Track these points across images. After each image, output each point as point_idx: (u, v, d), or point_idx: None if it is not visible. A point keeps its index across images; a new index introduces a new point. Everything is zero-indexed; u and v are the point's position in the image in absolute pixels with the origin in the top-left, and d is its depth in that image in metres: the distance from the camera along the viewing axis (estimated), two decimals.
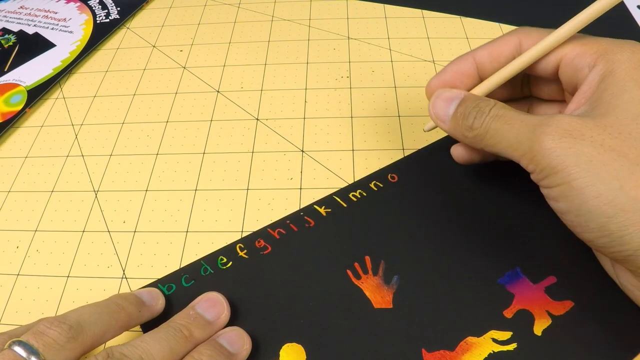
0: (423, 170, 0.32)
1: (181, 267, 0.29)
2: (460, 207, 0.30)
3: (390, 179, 0.32)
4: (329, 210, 0.31)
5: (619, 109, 0.22)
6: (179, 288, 0.28)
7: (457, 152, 0.29)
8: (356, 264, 0.28)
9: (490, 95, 0.28)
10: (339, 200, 0.31)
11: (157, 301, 0.26)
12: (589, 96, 0.23)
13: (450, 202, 0.30)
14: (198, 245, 0.30)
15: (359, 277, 0.28)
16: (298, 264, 0.28)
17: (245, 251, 0.29)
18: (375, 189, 0.31)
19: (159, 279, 0.28)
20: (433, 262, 0.28)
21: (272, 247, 0.29)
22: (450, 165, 0.31)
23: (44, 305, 0.29)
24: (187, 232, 0.31)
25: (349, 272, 0.28)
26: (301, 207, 0.31)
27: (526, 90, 0.30)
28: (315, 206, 0.31)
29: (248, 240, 0.30)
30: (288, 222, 0.30)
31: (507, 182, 0.30)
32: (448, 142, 0.32)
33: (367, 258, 0.28)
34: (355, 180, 0.32)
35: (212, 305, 0.25)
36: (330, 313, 0.26)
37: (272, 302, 0.27)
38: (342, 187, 0.32)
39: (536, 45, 0.25)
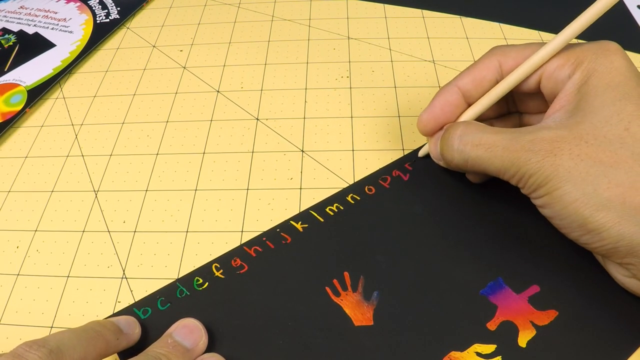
0: (400, 182, 0.31)
1: (157, 290, 0.28)
2: (439, 219, 0.29)
3: (367, 192, 0.31)
4: (306, 225, 0.30)
5: (592, 114, 0.23)
6: (155, 312, 0.27)
7: (470, 176, 0.30)
8: (335, 281, 0.27)
9: (481, 115, 0.29)
10: (315, 214, 0.30)
11: (134, 329, 0.25)
12: (564, 104, 0.25)
13: (428, 214, 0.30)
14: (198, 245, 0.30)
15: (338, 294, 0.27)
16: (275, 282, 0.28)
17: (221, 271, 0.28)
18: (353, 202, 0.31)
19: (134, 302, 0.27)
20: (413, 276, 0.27)
21: (249, 266, 0.28)
22: (427, 177, 0.31)
23: (44, 305, 0.29)
24: (187, 232, 0.31)
25: (327, 289, 0.27)
26: (301, 207, 0.31)
27: (512, 107, 0.31)
28: (291, 222, 0.30)
29: (224, 260, 0.29)
30: (264, 239, 0.29)
31: (486, 192, 0.30)
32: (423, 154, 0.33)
33: (346, 274, 0.28)
34: (341, 188, 0.32)
35: (189, 332, 0.25)
36: (310, 333, 0.26)
37: (250, 323, 0.26)
38: (321, 200, 0.31)
39: (519, 68, 0.27)
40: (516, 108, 0.31)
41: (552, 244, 0.28)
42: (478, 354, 0.25)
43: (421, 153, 0.32)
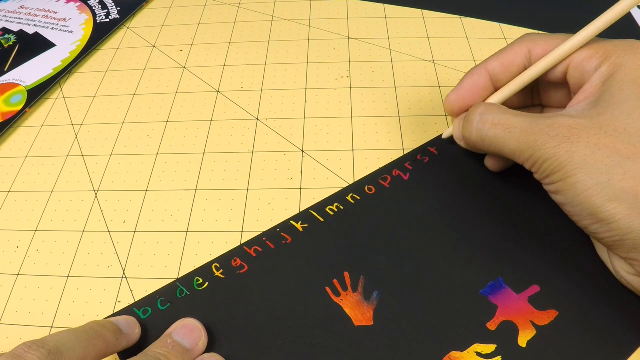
0: (400, 182, 0.31)
1: (157, 290, 0.28)
2: (439, 218, 0.29)
3: (367, 191, 0.31)
4: (306, 225, 0.30)
5: (614, 107, 0.23)
6: (155, 311, 0.27)
7: (489, 163, 0.30)
8: (335, 281, 0.27)
9: (505, 103, 0.29)
10: (315, 214, 0.30)
11: (134, 329, 0.25)
12: (588, 95, 0.25)
13: (428, 214, 0.30)
14: (198, 245, 0.30)
15: (338, 294, 0.27)
16: (275, 282, 0.28)
17: (221, 271, 0.28)
18: (353, 201, 0.31)
19: (134, 302, 0.27)
20: (413, 276, 0.27)
21: (249, 266, 0.28)
22: (427, 177, 0.31)
23: (44, 305, 0.29)
24: (187, 232, 0.31)
25: (327, 289, 0.27)
26: (301, 207, 0.31)
27: (536, 99, 0.31)
28: (291, 221, 0.30)
29: (224, 259, 0.29)
30: (264, 239, 0.29)
31: (487, 192, 0.30)
32: (423, 153, 0.33)
33: (346, 274, 0.28)
34: (345, 186, 0.32)
35: (189, 332, 0.25)
36: (310, 332, 0.26)
37: (250, 323, 0.26)
38: (321, 200, 0.31)
39: (549, 55, 0.27)
40: (540, 100, 0.31)
41: (552, 244, 0.28)
42: (478, 354, 0.25)
43: (445, 135, 0.33)
